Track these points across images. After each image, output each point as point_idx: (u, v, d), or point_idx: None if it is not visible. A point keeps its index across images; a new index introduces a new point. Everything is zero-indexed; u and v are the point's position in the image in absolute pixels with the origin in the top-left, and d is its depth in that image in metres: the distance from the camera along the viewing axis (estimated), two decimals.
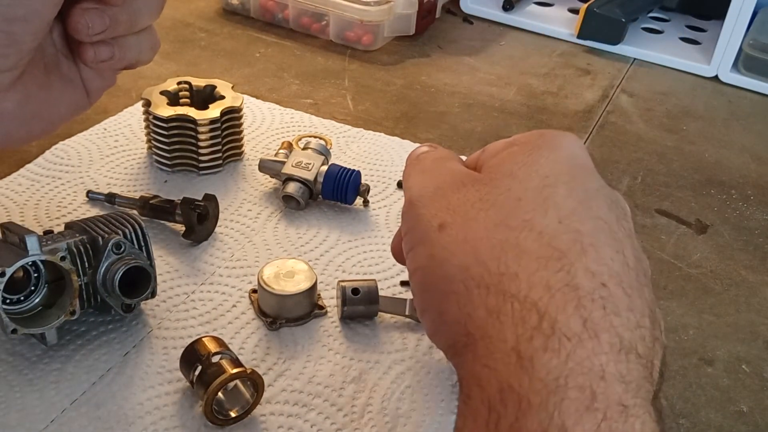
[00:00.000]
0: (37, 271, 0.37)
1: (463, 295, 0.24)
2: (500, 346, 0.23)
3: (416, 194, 0.28)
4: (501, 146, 0.29)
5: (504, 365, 0.22)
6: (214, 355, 0.36)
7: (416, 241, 0.27)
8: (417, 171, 0.30)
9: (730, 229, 0.57)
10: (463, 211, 0.26)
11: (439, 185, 0.28)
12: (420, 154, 0.32)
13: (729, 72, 0.82)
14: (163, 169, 0.54)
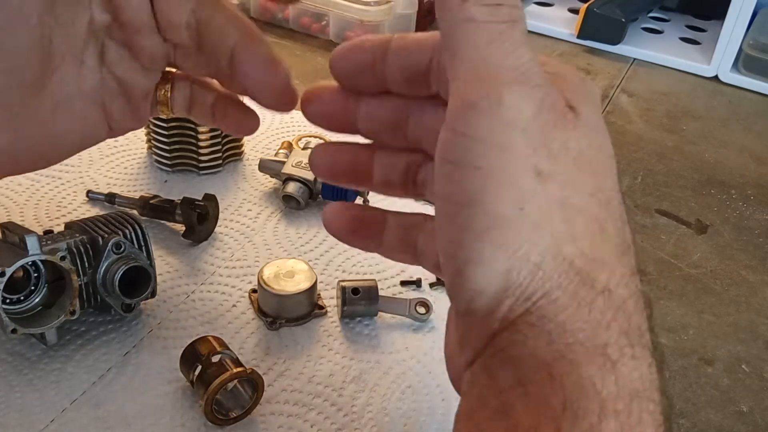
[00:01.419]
0: (37, 271, 0.37)
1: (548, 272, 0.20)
2: (585, 342, 0.20)
3: (507, 99, 0.21)
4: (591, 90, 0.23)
5: (589, 363, 0.20)
6: (214, 355, 0.36)
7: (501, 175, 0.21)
8: (505, 46, 0.21)
9: (730, 229, 0.57)
10: (565, 163, 0.21)
11: (541, 107, 0.21)
12: (500, 1, 0.22)
13: (729, 72, 0.82)
14: (163, 169, 0.54)
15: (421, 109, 0.28)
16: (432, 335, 0.42)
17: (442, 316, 0.44)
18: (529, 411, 0.20)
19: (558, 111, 0.22)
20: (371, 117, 0.28)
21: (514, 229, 0.21)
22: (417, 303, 0.43)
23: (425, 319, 0.43)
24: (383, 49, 0.27)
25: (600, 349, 0.20)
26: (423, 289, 0.46)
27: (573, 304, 0.21)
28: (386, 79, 0.27)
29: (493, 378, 0.21)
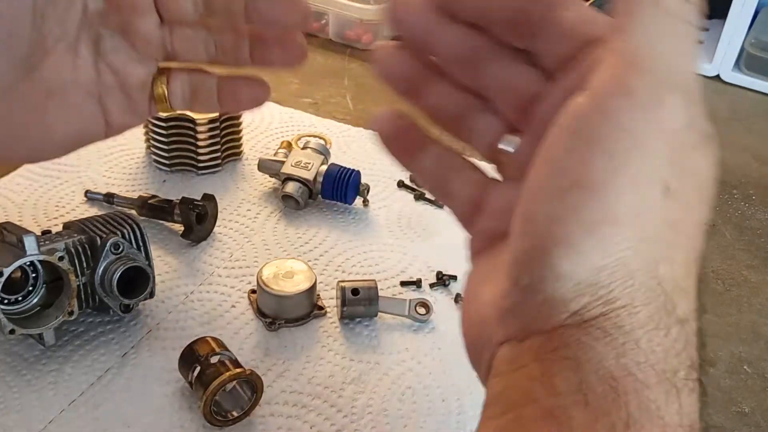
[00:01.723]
0: (35, 272, 0.37)
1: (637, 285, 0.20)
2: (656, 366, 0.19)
3: (669, 108, 0.20)
4: None
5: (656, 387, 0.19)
6: (213, 356, 0.36)
7: (632, 171, 0.19)
8: (685, 50, 0.20)
9: (731, 229, 0.57)
10: (690, 187, 0.20)
11: (690, 124, 0.20)
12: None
13: (731, 71, 0.82)
14: (161, 169, 0.53)
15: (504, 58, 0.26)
16: (432, 336, 0.42)
17: (442, 316, 0.43)
18: (587, 422, 0.19)
19: (700, 134, 0.21)
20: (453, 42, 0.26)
21: (624, 232, 0.20)
22: (417, 304, 0.43)
23: (425, 320, 0.43)
24: None
25: (669, 376, 0.20)
26: (423, 289, 0.46)
27: (651, 324, 0.20)
28: (485, 12, 0.25)
29: (548, 375, 0.20)
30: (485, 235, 0.26)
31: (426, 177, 0.29)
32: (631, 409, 0.19)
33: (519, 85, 0.26)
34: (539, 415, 0.19)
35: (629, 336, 0.20)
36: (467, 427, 0.37)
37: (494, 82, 0.27)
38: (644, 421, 0.19)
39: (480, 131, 0.28)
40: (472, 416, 0.38)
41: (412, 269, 0.47)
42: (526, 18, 0.25)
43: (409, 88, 0.28)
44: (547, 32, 0.25)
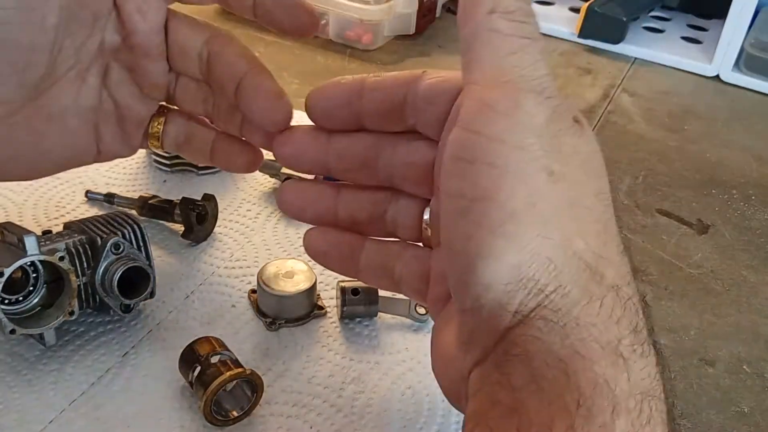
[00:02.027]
0: (35, 272, 0.37)
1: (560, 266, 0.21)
2: (598, 338, 0.20)
3: (524, 104, 0.22)
4: None
5: (602, 359, 0.20)
6: (213, 356, 0.36)
7: (515, 169, 0.21)
8: (526, 59, 0.22)
9: (731, 229, 0.57)
10: (574, 166, 0.22)
11: (553, 115, 0.22)
12: (526, 18, 0.23)
13: (730, 71, 0.82)
14: (162, 169, 0.53)
15: (393, 144, 0.29)
16: None
17: None
18: (542, 408, 0.19)
19: (567, 120, 0.23)
20: (343, 154, 0.30)
21: (525, 223, 0.21)
22: (417, 303, 0.43)
23: (425, 320, 0.43)
24: (360, 86, 0.28)
25: (613, 346, 0.20)
26: None
27: (585, 298, 0.21)
28: (362, 115, 0.29)
29: (506, 375, 0.21)
30: (439, 299, 0.29)
31: (371, 277, 0.32)
32: (582, 387, 0.20)
33: (416, 160, 0.29)
34: (501, 413, 0.20)
35: (567, 316, 0.21)
36: None
37: (395, 169, 0.30)
38: (595, 396, 0.19)
39: (402, 219, 0.30)
40: None
41: None
42: (393, 106, 0.28)
43: (322, 211, 0.31)
44: (416, 106, 0.27)
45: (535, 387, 0.20)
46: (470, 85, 0.23)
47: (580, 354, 0.20)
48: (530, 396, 0.20)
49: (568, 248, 0.21)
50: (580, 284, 0.21)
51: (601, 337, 0.20)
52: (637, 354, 0.21)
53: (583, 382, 0.20)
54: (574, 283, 0.21)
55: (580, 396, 0.19)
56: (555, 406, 0.19)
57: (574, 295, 0.21)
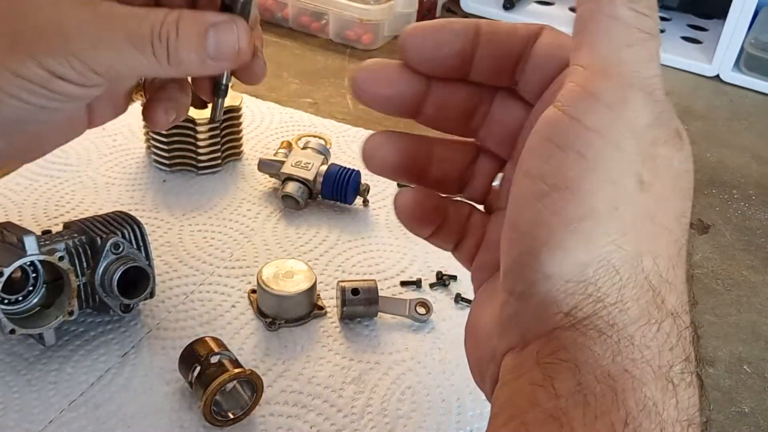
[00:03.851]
0: (35, 272, 0.37)
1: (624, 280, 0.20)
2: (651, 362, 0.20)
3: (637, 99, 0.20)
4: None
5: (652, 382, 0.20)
6: (213, 356, 0.36)
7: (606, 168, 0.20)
8: (644, 51, 0.21)
9: (731, 229, 0.57)
10: (664, 180, 0.21)
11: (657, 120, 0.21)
12: (649, 6, 0.21)
13: (730, 71, 0.82)
14: (161, 169, 0.53)
15: (491, 98, 0.27)
16: (432, 336, 0.42)
17: (442, 316, 0.43)
18: (587, 422, 0.19)
19: (669, 130, 0.21)
20: (444, 104, 0.27)
21: (604, 226, 0.20)
22: (417, 303, 0.43)
23: (425, 320, 0.43)
24: (474, 32, 0.26)
25: (664, 371, 0.20)
26: (423, 289, 0.46)
27: (643, 319, 0.20)
28: (472, 64, 0.26)
29: (549, 379, 0.20)
30: (484, 268, 0.27)
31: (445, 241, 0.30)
32: (629, 407, 0.19)
33: (507, 119, 0.27)
34: (542, 418, 0.20)
35: (622, 333, 0.20)
36: (467, 428, 0.37)
37: (484, 125, 0.28)
38: (642, 418, 0.19)
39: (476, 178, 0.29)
40: (472, 416, 0.38)
41: (412, 269, 0.47)
42: (507, 60, 0.26)
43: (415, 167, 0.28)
44: (525, 65, 0.26)
45: (581, 399, 0.19)
46: (577, 67, 0.21)
47: (631, 374, 0.19)
48: (575, 407, 0.19)
49: (637, 264, 0.20)
50: (640, 303, 0.20)
51: (654, 361, 0.20)
52: (686, 382, 0.20)
53: (632, 403, 0.19)
54: (635, 300, 0.20)
55: (627, 416, 0.19)
56: (601, 422, 0.19)
57: (633, 312, 0.20)
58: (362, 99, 0.27)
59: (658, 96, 0.21)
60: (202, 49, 0.28)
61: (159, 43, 0.27)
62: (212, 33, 0.28)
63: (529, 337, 0.21)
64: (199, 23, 0.28)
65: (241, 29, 0.28)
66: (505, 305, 0.22)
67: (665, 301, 0.21)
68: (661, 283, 0.21)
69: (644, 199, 0.21)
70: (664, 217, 0.21)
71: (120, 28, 0.27)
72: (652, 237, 0.21)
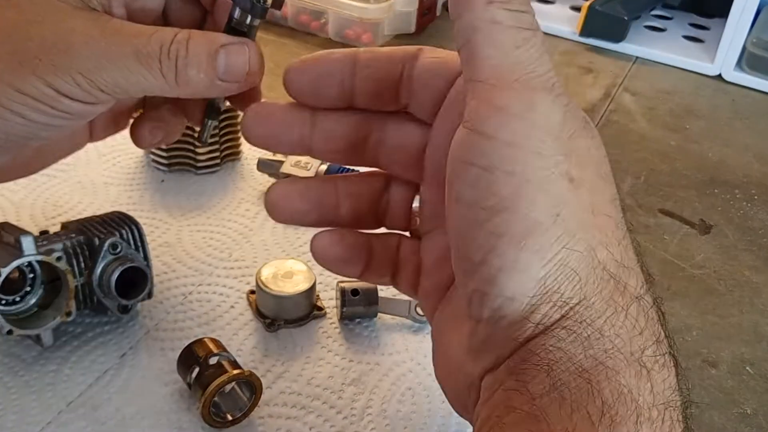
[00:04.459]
0: (32, 272, 0.36)
1: (584, 278, 0.20)
2: (621, 349, 0.20)
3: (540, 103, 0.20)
4: None
5: (626, 370, 0.20)
6: (211, 357, 0.35)
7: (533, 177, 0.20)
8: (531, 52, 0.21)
9: (734, 229, 0.57)
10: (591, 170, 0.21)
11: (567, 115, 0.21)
12: (525, 8, 0.21)
13: (732, 70, 0.82)
14: (160, 169, 0.53)
15: (383, 124, 0.28)
16: None
17: None
18: (564, 416, 0.19)
19: (579, 120, 0.22)
20: (330, 134, 0.28)
21: (550, 235, 0.20)
22: (417, 304, 0.43)
23: (425, 321, 0.42)
24: (352, 60, 0.27)
25: (636, 357, 0.20)
26: None
27: (609, 309, 0.20)
28: (354, 92, 0.27)
29: (523, 383, 0.20)
30: (431, 294, 0.27)
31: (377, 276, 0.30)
32: (605, 397, 0.19)
33: (407, 143, 0.27)
34: (519, 420, 0.20)
35: (592, 327, 0.20)
36: (467, 429, 0.37)
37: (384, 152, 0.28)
38: (618, 406, 0.19)
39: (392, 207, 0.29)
40: None
41: None
42: (388, 84, 0.26)
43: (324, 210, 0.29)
44: (411, 86, 0.26)
45: (557, 396, 0.20)
46: (475, 83, 0.21)
47: (604, 364, 0.20)
48: (551, 404, 0.20)
49: (592, 259, 0.21)
50: (604, 295, 0.21)
51: (625, 348, 0.20)
52: (659, 364, 0.20)
53: (607, 392, 0.19)
54: (599, 294, 0.20)
55: (603, 405, 0.19)
56: (577, 414, 0.19)
57: (599, 306, 0.20)
58: (251, 140, 0.28)
59: (559, 89, 0.21)
60: (211, 70, 0.27)
61: (168, 60, 0.27)
62: (223, 53, 0.27)
63: (503, 355, 0.22)
64: (209, 43, 0.27)
65: (253, 51, 0.28)
66: (474, 333, 0.22)
67: (627, 286, 0.21)
68: (619, 269, 0.21)
69: (579, 195, 0.21)
70: (602, 206, 0.21)
71: (128, 44, 0.26)
72: (598, 229, 0.21)
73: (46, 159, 0.33)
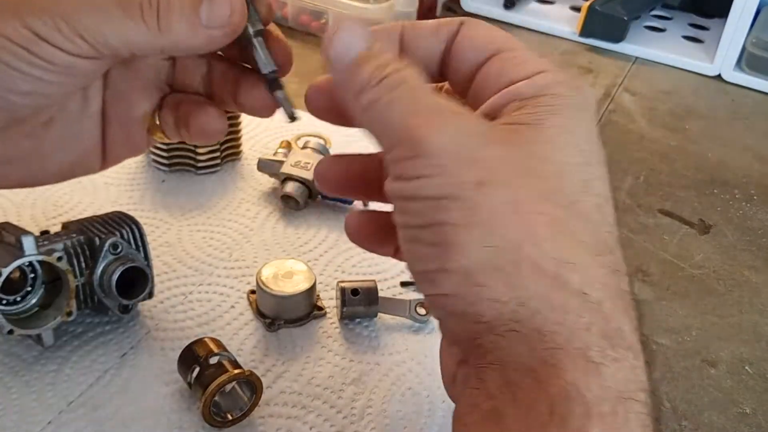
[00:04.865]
0: (33, 272, 0.36)
1: (514, 275, 0.21)
2: (565, 346, 0.20)
3: (429, 140, 0.21)
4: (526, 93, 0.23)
5: (571, 367, 0.20)
6: (212, 357, 0.35)
7: (442, 193, 0.21)
8: (405, 101, 0.23)
9: (733, 229, 0.57)
10: (504, 172, 0.21)
11: (462, 132, 0.22)
12: (384, 70, 0.23)
13: (732, 71, 0.82)
14: (160, 169, 0.53)
15: None
16: (432, 336, 0.42)
17: None
18: (518, 417, 0.20)
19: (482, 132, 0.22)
20: None
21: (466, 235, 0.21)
22: (417, 304, 0.43)
23: (425, 320, 0.42)
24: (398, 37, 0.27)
25: (581, 353, 0.20)
26: None
27: (546, 307, 0.21)
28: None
29: (483, 381, 0.21)
30: None
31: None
32: (553, 395, 0.20)
33: None
34: (480, 419, 0.21)
35: (528, 326, 0.21)
36: None
37: None
38: (567, 403, 0.20)
39: None
40: None
41: None
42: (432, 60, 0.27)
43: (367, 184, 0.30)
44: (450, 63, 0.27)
45: (511, 395, 0.20)
46: (387, 162, 0.23)
47: (549, 363, 0.20)
48: (507, 404, 0.20)
49: (516, 253, 0.21)
50: (538, 292, 0.21)
51: (568, 345, 0.20)
52: (610, 359, 0.20)
53: (554, 390, 0.20)
54: (533, 290, 0.21)
55: (552, 404, 0.20)
56: (530, 414, 0.20)
57: (533, 304, 0.21)
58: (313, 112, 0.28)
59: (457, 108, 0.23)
60: (194, 15, 0.27)
61: (149, 7, 0.26)
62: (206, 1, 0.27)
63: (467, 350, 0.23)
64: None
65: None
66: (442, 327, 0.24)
67: (568, 282, 0.21)
68: (556, 265, 0.21)
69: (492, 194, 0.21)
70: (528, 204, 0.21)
71: None
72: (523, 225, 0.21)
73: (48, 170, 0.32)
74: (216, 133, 0.32)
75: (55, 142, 0.31)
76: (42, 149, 0.31)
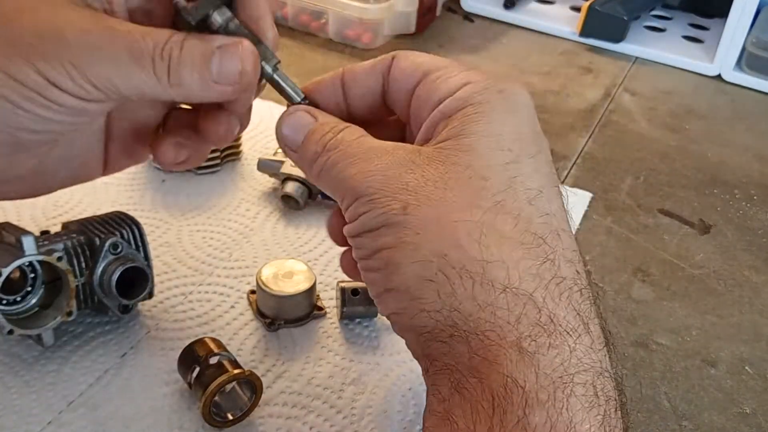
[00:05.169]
0: (33, 272, 0.36)
1: (443, 284, 0.23)
2: (499, 342, 0.22)
3: (361, 184, 0.25)
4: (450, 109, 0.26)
5: (507, 360, 0.21)
6: (212, 357, 0.35)
7: (377, 224, 0.24)
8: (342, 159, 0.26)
9: (733, 229, 0.57)
10: (426, 191, 0.24)
11: (387, 167, 0.25)
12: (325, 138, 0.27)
13: (732, 71, 0.81)
14: (160, 169, 0.53)
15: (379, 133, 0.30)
16: None
17: None
18: (466, 415, 0.21)
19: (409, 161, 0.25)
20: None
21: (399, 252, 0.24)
22: None
23: None
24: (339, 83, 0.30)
25: (514, 345, 0.21)
26: None
27: (474, 307, 0.22)
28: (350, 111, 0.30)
29: (437, 387, 0.23)
30: None
31: None
32: (494, 389, 0.21)
33: None
34: (437, 422, 0.22)
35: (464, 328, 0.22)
36: None
37: None
38: (506, 395, 0.21)
39: None
40: None
41: None
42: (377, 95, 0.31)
43: None
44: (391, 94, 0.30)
45: (458, 397, 0.22)
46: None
47: (487, 359, 0.21)
48: (455, 406, 0.22)
49: (443, 262, 0.23)
50: (467, 294, 0.22)
51: (502, 340, 0.21)
52: (545, 347, 0.21)
53: (494, 385, 0.21)
54: (461, 295, 0.22)
55: (493, 398, 0.21)
56: (474, 409, 0.21)
57: (465, 307, 0.22)
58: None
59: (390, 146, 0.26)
60: (205, 71, 0.27)
61: (161, 60, 0.26)
62: (217, 54, 0.27)
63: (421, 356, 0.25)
64: (205, 44, 0.27)
65: (246, 51, 0.28)
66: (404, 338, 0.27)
67: (494, 280, 0.22)
68: (480, 265, 0.22)
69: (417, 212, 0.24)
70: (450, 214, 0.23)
71: (121, 39, 0.26)
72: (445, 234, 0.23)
73: (50, 181, 0.32)
74: (228, 133, 0.34)
75: (58, 160, 0.31)
76: (45, 167, 0.31)
